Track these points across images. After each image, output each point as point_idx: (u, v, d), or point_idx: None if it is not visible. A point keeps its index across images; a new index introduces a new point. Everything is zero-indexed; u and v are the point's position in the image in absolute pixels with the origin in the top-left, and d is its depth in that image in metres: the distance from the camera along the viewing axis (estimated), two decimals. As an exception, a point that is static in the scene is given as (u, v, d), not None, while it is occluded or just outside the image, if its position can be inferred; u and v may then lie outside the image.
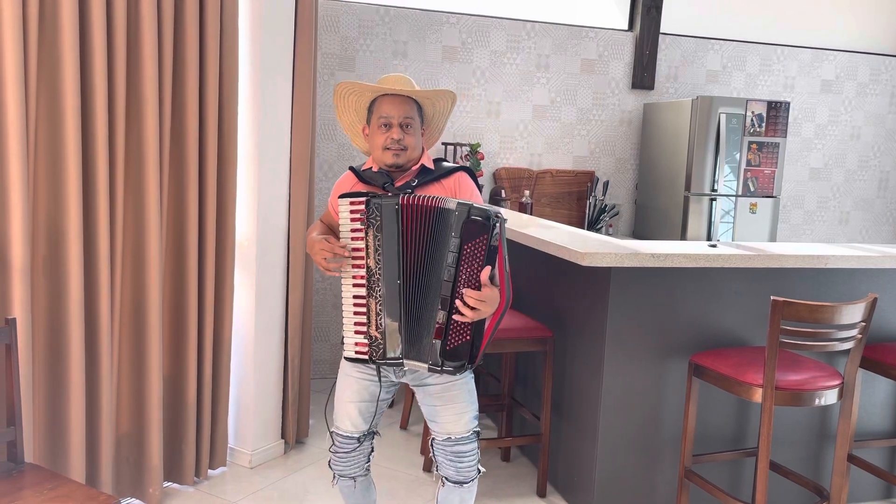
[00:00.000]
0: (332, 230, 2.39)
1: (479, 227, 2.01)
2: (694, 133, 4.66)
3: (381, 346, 2.16)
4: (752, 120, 4.71)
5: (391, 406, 4.20)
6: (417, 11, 4.65)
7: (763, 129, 4.74)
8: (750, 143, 4.73)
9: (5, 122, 2.35)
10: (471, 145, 4.69)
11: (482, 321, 2.10)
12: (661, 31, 5.17)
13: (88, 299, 2.63)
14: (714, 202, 4.74)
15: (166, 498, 3.04)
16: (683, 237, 4.76)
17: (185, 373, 3.00)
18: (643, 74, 5.14)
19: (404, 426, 3.88)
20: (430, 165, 2.31)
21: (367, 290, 2.14)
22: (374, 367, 2.24)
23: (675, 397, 2.98)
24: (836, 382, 2.55)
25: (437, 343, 2.10)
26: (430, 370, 2.15)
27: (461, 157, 4.72)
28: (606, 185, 5.07)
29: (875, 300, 2.54)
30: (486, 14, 4.84)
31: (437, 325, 2.09)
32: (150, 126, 2.71)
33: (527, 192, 4.88)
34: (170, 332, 2.98)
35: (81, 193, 2.54)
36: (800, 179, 5.65)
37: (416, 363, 2.16)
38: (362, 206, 2.12)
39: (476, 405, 2.31)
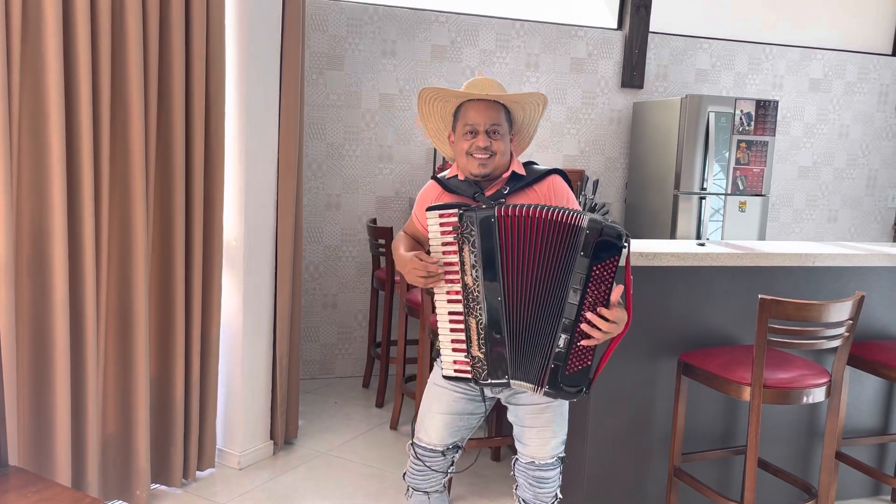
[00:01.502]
0: (418, 242, 2.31)
1: (611, 247, 1.88)
2: (683, 132, 4.67)
3: (484, 367, 2.02)
4: (740, 119, 4.72)
5: (381, 406, 4.19)
6: (406, 10, 4.64)
7: (752, 127, 4.75)
8: (739, 141, 4.74)
9: (-12, 121, 2.33)
10: (460, 144, 4.68)
11: (604, 344, 1.99)
12: (651, 30, 5.17)
13: (74, 300, 2.61)
14: (703, 201, 4.75)
15: (154, 500, 3.02)
16: (673, 236, 4.76)
17: (173, 373, 2.98)
18: (632, 73, 5.14)
19: (394, 426, 3.87)
20: (521, 171, 2.19)
21: (466, 307, 2.00)
22: (474, 386, 2.12)
23: (664, 396, 2.98)
24: (824, 380, 2.56)
25: (556, 367, 1.96)
26: (546, 395, 2.01)
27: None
28: (596, 184, 5.07)
29: (862, 298, 2.54)
30: (476, 13, 4.83)
31: (557, 350, 1.95)
32: (136, 125, 2.69)
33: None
34: (157, 332, 2.97)
35: (66, 193, 2.52)
36: (788, 178, 5.67)
37: (525, 384, 2.02)
38: (454, 219, 1.98)
39: (566, 429, 2.24)
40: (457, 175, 2.23)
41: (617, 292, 1.92)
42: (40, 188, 2.50)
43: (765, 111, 4.76)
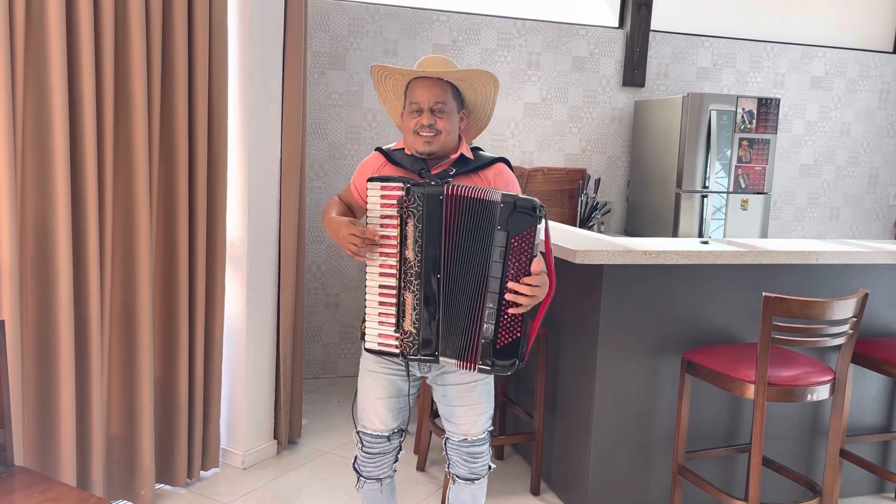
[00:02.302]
0: (351, 210, 2.30)
1: (527, 219, 1.93)
2: (685, 130, 4.66)
3: (415, 342, 2.04)
4: (742, 117, 4.71)
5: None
6: (408, 10, 4.64)
7: (753, 125, 4.75)
8: (741, 139, 4.74)
9: (-8, 122, 2.33)
10: (462, 143, 4.68)
11: (529, 316, 2.02)
12: (652, 28, 5.17)
13: (78, 300, 2.61)
14: (705, 199, 4.75)
15: (158, 500, 3.02)
16: (675, 234, 4.76)
17: (177, 373, 2.98)
18: (634, 72, 5.14)
19: (397, 425, 3.87)
20: (469, 155, 2.19)
21: (403, 282, 2.02)
22: (401, 361, 2.15)
23: (667, 394, 2.98)
24: (828, 378, 2.56)
25: (487, 342, 1.99)
26: (481, 371, 2.03)
27: (452, 156, 4.70)
28: (598, 182, 5.07)
29: (866, 296, 2.54)
30: (477, 12, 4.83)
31: (486, 325, 1.98)
32: (139, 125, 2.69)
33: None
34: (160, 332, 2.97)
35: (70, 194, 2.52)
36: (790, 176, 5.67)
37: (452, 360, 2.05)
38: (397, 193, 1.99)
39: (493, 405, 2.27)
40: (403, 149, 2.20)
41: (536, 264, 1.94)
42: (44, 189, 2.50)
43: (766, 109, 4.75)
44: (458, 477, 2.27)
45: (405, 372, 2.20)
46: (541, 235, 1.97)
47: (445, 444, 2.29)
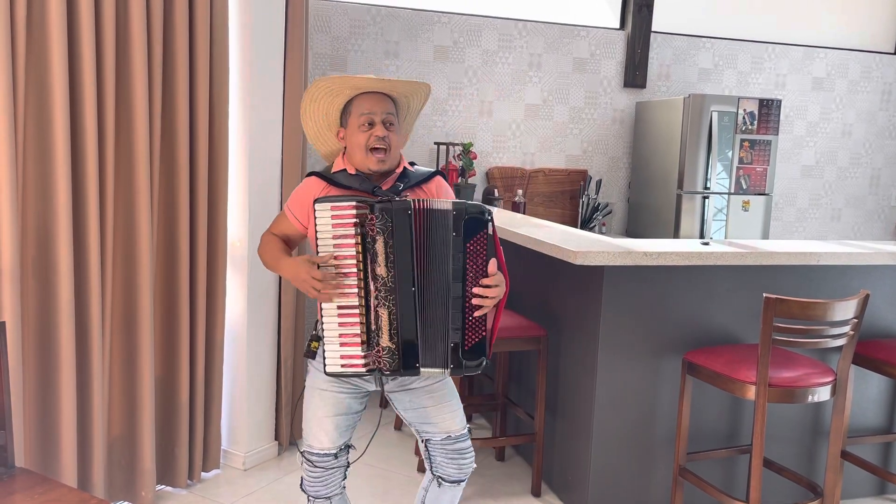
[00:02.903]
0: (287, 242, 2.24)
1: (478, 223, 1.98)
2: (686, 131, 4.66)
3: (395, 357, 2.01)
4: (743, 118, 4.71)
5: (385, 407, 4.20)
6: (409, 11, 4.65)
7: (755, 126, 4.75)
8: (742, 140, 4.74)
9: (-7, 123, 2.34)
10: (463, 145, 4.69)
11: (490, 314, 2.05)
12: (653, 29, 5.17)
13: (79, 301, 2.62)
14: (706, 200, 4.75)
15: (159, 501, 3.02)
16: (676, 235, 4.76)
17: (178, 375, 2.98)
18: (635, 73, 5.14)
19: (398, 427, 3.88)
20: (410, 168, 2.20)
21: (376, 299, 1.99)
22: (376, 378, 2.14)
23: (668, 395, 2.98)
24: (829, 379, 2.55)
25: (455, 345, 2.02)
26: (451, 374, 2.05)
27: (454, 157, 4.71)
28: (599, 183, 5.07)
29: (867, 297, 2.54)
30: (478, 13, 4.83)
31: (453, 328, 2.01)
32: (140, 127, 2.70)
33: (520, 192, 4.88)
34: (161, 333, 2.97)
35: (71, 195, 2.52)
36: (792, 177, 5.67)
37: (433, 370, 2.04)
38: (350, 212, 1.96)
39: (460, 400, 2.28)
40: (344, 169, 2.15)
41: (493, 265, 1.99)
42: (45, 191, 2.50)
43: (768, 110, 4.75)
44: (444, 479, 2.24)
45: (356, 390, 2.19)
46: (493, 238, 2.02)
47: (427, 447, 2.25)
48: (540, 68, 4.97)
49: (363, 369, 2.04)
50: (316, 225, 2.00)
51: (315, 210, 1.99)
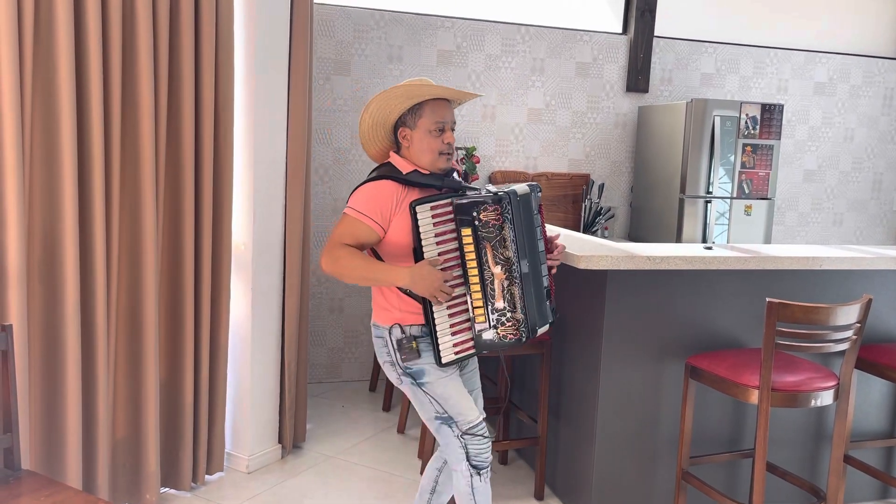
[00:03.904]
0: (361, 248, 2.25)
1: (538, 197, 2.35)
2: (688, 136, 4.67)
3: (525, 326, 2.23)
4: (746, 122, 4.72)
5: (388, 410, 4.21)
6: (412, 15, 4.66)
7: (757, 131, 4.76)
8: (744, 145, 4.75)
9: (1, 128, 2.35)
10: (466, 149, 4.70)
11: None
12: (655, 34, 5.19)
13: (84, 304, 2.63)
14: (709, 204, 4.76)
15: (163, 503, 3.03)
16: (679, 239, 4.77)
17: (182, 378, 2.99)
18: (637, 77, 5.15)
19: (401, 430, 3.88)
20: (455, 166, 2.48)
21: (508, 280, 2.18)
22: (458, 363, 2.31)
23: (671, 399, 2.98)
24: (832, 383, 2.56)
25: (550, 305, 2.36)
26: (549, 327, 2.38)
27: (457, 161, 4.72)
28: (602, 187, 5.08)
29: (870, 301, 2.55)
30: (481, 18, 4.85)
31: (546, 290, 2.34)
32: (146, 131, 2.71)
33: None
34: (166, 336, 2.98)
35: (77, 199, 2.53)
36: (794, 181, 5.68)
37: (544, 328, 2.34)
38: (447, 209, 2.15)
39: None
40: (416, 170, 2.29)
41: (554, 234, 2.45)
42: (52, 194, 2.52)
43: (770, 115, 4.76)
44: (478, 468, 2.38)
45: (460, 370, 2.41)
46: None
47: (464, 439, 2.36)
48: (543, 73, 4.98)
49: (473, 351, 2.24)
50: (419, 226, 2.14)
51: (417, 213, 2.13)
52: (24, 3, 2.37)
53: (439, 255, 2.16)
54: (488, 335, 2.20)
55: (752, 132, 4.75)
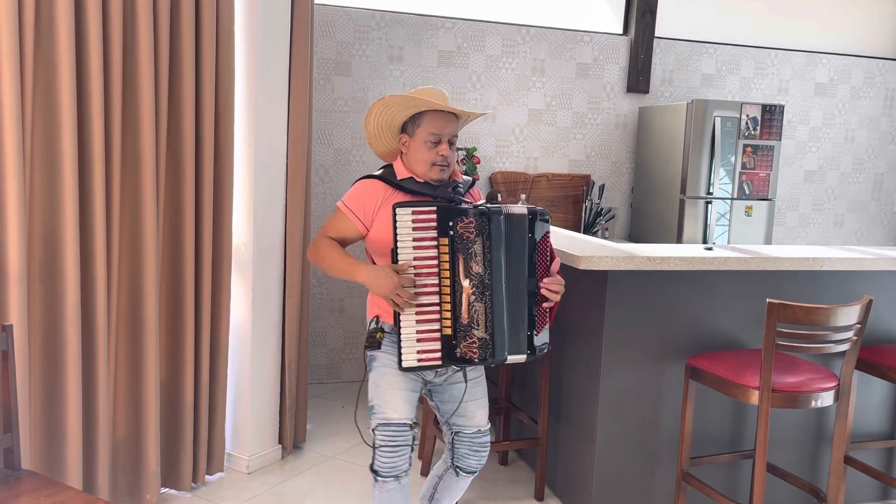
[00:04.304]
0: (344, 244, 2.36)
1: (544, 225, 2.25)
2: (689, 136, 4.67)
3: (489, 346, 2.19)
4: (746, 123, 4.72)
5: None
6: (413, 16, 4.66)
7: (758, 132, 4.76)
8: (745, 146, 4.75)
9: (1, 129, 2.35)
10: (467, 149, 4.70)
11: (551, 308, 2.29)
12: (656, 35, 5.19)
13: (85, 305, 2.63)
14: (709, 205, 4.76)
15: (163, 504, 3.04)
16: (679, 240, 4.77)
17: (182, 378, 2.99)
18: (638, 78, 5.15)
19: (402, 430, 3.88)
20: (459, 179, 2.39)
21: (474, 295, 2.16)
22: (419, 373, 2.29)
23: (672, 400, 2.98)
24: (833, 384, 2.56)
25: (531, 334, 2.24)
26: (528, 359, 2.24)
27: (457, 162, 4.72)
28: (602, 188, 5.08)
29: (870, 302, 2.55)
30: (482, 19, 4.85)
31: (529, 318, 2.23)
32: (147, 131, 2.71)
33: (523, 196, 4.89)
34: (167, 337, 2.98)
35: (78, 199, 2.54)
36: (794, 182, 5.67)
37: (518, 356, 2.24)
38: (431, 216, 2.14)
39: None
40: (411, 177, 2.31)
41: (557, 264, 2.27)
42: (52, 194, 2.52)
43: (770, 116, 4.76)
44: (463, 470, 2.42)
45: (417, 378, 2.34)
46: (549, 238, 2.27)
47: (454, 440, 2.40)
48: (543, 73, 4.98)
49: (439, 362, 2.18)
50: (396, 228, 2.14)
51: (396, 214, 2.14)
52: (24, 4, 2.37)
53: (416, 259, 2.15)
54: (455, 350, 2.17)
55: (753, 133, 4.75)
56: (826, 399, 2.54)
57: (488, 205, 2.21)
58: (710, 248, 3.02)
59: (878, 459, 3.30)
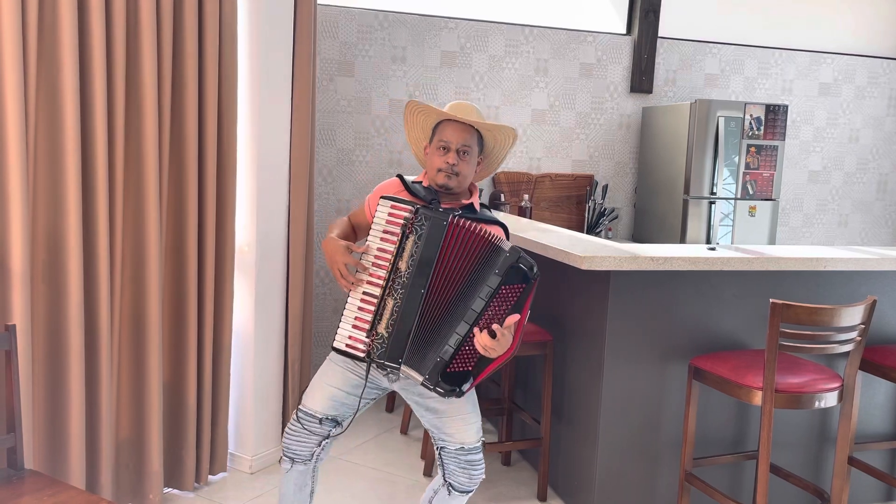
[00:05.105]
0: (355, 231, 2.47)
1: (522, 275, 2.10)
2: (692, 136, 4.67)
3: (383, 346, 2.16)
4: (750, 123, 4.71)
5: (391, 411, 4.21)
6: (416, 16, 4.66)
7: (761, 132, 4.75)
8: (748, 146, 4.74)
9: (5, 128, 2.35)
10: (470, 150, 4.69)
11: (484, 360, 2.15)
12: (660, 34, 5.18)
13: (88, 305, 2.63)
14: (713, 205, 4.75)
15: (166, 504, 3.04)
16: (683, 240, 4.76)
17: (185, 378, 3.00)
18: (641, 78, 5.15)
19: (405, 431, 3.88)
20: (477, 207, 2.37)
21: (389, 288, 2.15)
22: (362, 365, 2.27)
23: (675, 400, 2.98)
24: (836, 385, 2.55)
25: (441, 362, 2.12)
26: (422, 384, 2.15)
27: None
28: (605, 188, 5.07)
29: (874, 302, 2.54)
30: (485, 19, 4.85)
31: (447, 346, 2.11)
32: (150, 131, 2.72)
33: (526, 197, 4.89)
34: (170, 337, 2.98)
35: (81, 199, 2.54)
36: (798, 182, 5.66)
37: (413, 372, 2.17)
38: (405, 214, 2.16)
39: (479, 414, 2.33)
40: (422, 182, 2.40)
41: (512, 319, 2.08)
42: (55, 195, 2.52)
43: (774, 116, 4.75)
44: (454, 488, 2.31)
45: (364, 376, 2.29)
46: (525, 297, 2.11)
47: (441, 455, 2.31)
48: (546, 73, 4.98)
49: (361, 354, 2.17)
50: (374, 216, 2.21)
51: (380, 203, 2.21)
52: (28, 3, 2.37)
53: (378, 250, 2.18)
54: (367, 342, 2.17)
55: (757, 133, 4.74)
56: (830, 400, 2.53)
57: (438, 210, 2.17)
58: (713, 249, 3.02)
59: (881, 460, 3.29)
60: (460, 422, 2.28)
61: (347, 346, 2.19)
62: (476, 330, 2.09)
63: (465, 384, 2.15)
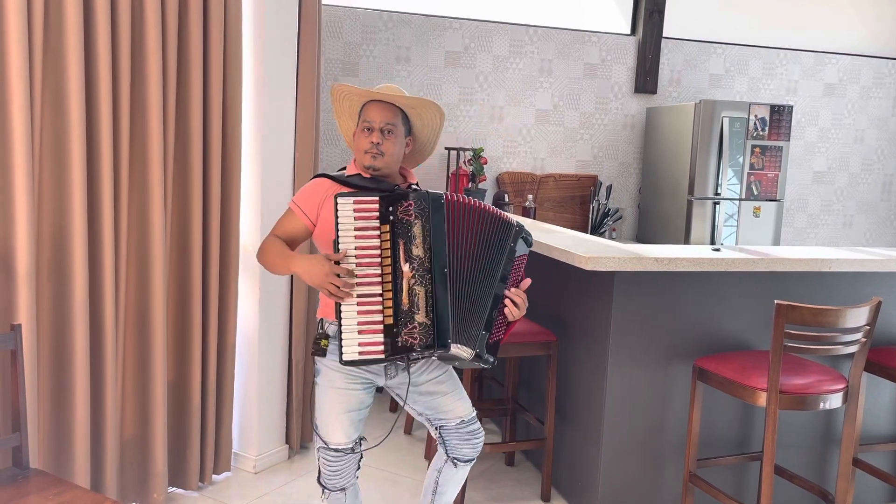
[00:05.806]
0: (291, 243, 2.31)
1: (527, 244, 2.26)
2: (697, 137, 4.66)
3: (430, 333, 2.10)
4: (755, 124, 4.71)
5: (395, 411, 4.21)
6: (420, 17, 4.67)
7: (766, 132, 4.74)
8: (753, 146, 4.73)
9: (10, 128, 2.36)
10: (474, 150, 4.70)
11: (506, 326, 2.24)
12: (664, 35, 5.17)
13: (93, 305, 2.64)
14: (717, 206, 4.74)
15: (170, 503, 3.04)
16: (687, 241, 4.76)
17: (190, 378, 3.00)
18: (646, 78, 5.14)
19: (408, 431, 3.88)
20: (413, 180, 2.36)
21: (413, 279, 2.09)
22: (361, 372, 2.24)
23: (679, 401, 2.97)
24: (841, 386, 2.54)
25: (484, 335, 2.16)
26: (472, 360, 2.17)
27: (464, 162, 4.72)
28: (609, 189, 5.07)
29: (879, 304, 2.53)
30: (489, 19, 4.85)
31: (484, 318, 2.16)
32: (155, 132, 2.72)
33: (530, 197, 4.89)
34: (174, 337, 2.99)
35: (86, 199, 2.54)
36: (803, 183, 5.65)
37: (463, 348, 2.14)
38: (373, 206, 2.09)
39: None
40: (359, 174, 2.29)
41: (527, 283, 2.26)
42: (61, 194, 2.53)
43: (779, 116, 4.74)
44: (459, 459, 2.41)
45: (366, 382, 2.28)
46: (525, 263, 2.27)
47: (441, 433, 2.38)
48: (551, 74, 4.97)
49: (382, 356, 2.10)
50: (337, 219, 2.09)
51: (338, 204, 2.09)
52: (34, 4, 2.38)
53: (357, 249, 2.09)
54: (398, 339, 2.09)
55: (761, 133, 4.73)
56: (834, 401, 2.52)
57: (428, 191, 2.16)
58: (717, 250, 3.01)
59: (886, 462, 3.28)
60: (454, 397, 2.35)
61: (362, 354, 2.09)
62: (507, 300, 2.18)
63: (497, 350, 2.21)
